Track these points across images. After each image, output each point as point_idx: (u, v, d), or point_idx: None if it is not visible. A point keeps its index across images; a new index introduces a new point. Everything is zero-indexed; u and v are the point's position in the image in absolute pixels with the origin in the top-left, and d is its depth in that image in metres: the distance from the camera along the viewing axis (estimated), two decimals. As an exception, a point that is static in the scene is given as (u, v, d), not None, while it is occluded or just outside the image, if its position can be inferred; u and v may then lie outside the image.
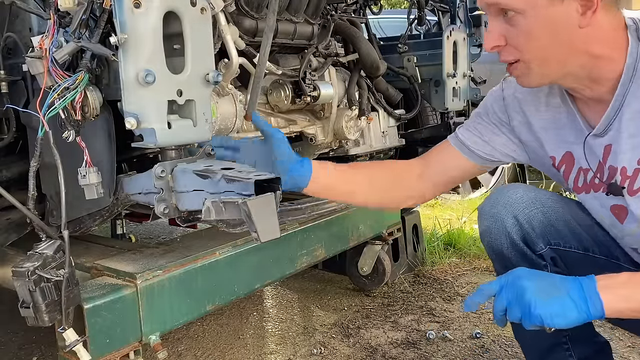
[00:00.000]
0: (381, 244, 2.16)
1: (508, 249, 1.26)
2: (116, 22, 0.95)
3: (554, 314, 0.95)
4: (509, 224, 1.25)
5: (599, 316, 0.94)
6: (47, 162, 1.17)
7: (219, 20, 1.19)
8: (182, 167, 1.05)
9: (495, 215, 1.27)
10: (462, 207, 3.63)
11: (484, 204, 1.32)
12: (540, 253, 1.26)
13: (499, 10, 1.03)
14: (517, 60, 1.06)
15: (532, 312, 0.96)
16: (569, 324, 0.95)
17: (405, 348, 1.84)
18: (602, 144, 1.12)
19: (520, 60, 1.05)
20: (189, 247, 1.47)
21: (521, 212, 1.25)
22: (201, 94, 1.07)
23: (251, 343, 1.93)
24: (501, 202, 1.28)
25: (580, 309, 0.95)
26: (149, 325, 1.27)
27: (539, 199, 1.27)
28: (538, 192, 1.29)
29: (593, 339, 1.40)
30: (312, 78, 1.70)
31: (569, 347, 1.35)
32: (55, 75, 1.00)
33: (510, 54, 1.06)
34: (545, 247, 1.25)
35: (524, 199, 1.26)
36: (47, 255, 0.99)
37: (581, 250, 1.25)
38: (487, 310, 2.08)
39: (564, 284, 0.98)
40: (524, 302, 0.98)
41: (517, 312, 1.00)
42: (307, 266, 1.75)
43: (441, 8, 2.26)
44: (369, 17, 2.19)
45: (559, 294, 0.96)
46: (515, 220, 1.25)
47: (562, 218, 1.25)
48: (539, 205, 1.26)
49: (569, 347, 1.35)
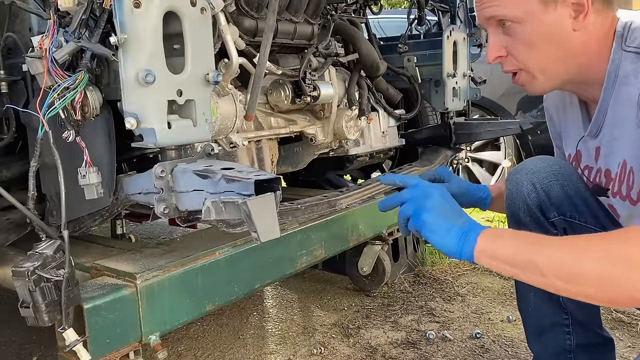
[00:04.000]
0: (381, 244, 2.16)
1: (524, 213, 1.31)
2: (116, 22, 0.95)
3: (435, 231, 1.01)
4: (527, 190, 1.30)
5: (468, 257, 0.98)
6: (47, 162, 1.17)
7: (219, 20, 1.19)
8: (182, 167, 1.05)
9: (517, 181, 1.33)
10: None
11: (512, 170, 1.39)
12: (552, 221, 1.30)
13: (498, 23, 1.08)
14: (519, 69, 1.11)
15: (421, 217, 1.03)
16: (441, 250, 1.02)
17: (405, 348, 1.84)
18: (594, 145, 1.16)
19: (523, 69, 1.10)
20: (189, 247, 1.47)
21: (540, 181, 1.30)
22: (201, 94, 1.07)
23: (251, 343, 1.93)
24: (525, 170, 1.33)
25: (457, 242, 0.99)
26: (149, 325, 1.27)
27: (562, 172, 1.31)
28: (564, 167, 1.33)
29: (597, 330, 1.40)
30: (312, 78, 1.70)
31: (570, 331, 1.36)
32: (55, 75, 1.00)
33: (512, 64, 1.11)
34: (558, 217, 1.29)
35: (546, 169, 1.31)
36: (47, 255, 0.99)
37: (598, 228, 1.27)
38: (488, 311, 2.09)
39: (461, 216, 1.03)
40: (421, 206, 1.04)
41: (410, 210, 1.06)
42: (307, 266, 1.75)
43: (441, 8, 2.26)
44: (369, 17, 2.19)
45: (451, 219, 1.01)
46: (533, 187, 1.30)
47: (582, 195, 1.28)
48: (560, 178, 1.29)
49: (570, 331, 1.36)
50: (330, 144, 1.89)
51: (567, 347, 1.37)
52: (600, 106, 1.10)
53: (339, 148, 1.95)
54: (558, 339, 1.37)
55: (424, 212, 1.02)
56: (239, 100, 1.39)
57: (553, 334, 1.38)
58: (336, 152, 1.96)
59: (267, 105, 1.70)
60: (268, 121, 1.68)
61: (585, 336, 1.37)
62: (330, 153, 1.96)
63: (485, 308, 2.13)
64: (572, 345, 1.37)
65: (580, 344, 1.36)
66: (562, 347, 1.37)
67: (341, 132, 1.84)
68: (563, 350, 1.37)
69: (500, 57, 1.11)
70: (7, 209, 1.39)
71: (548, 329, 1.38)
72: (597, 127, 1.13)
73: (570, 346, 1.37)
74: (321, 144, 1.84)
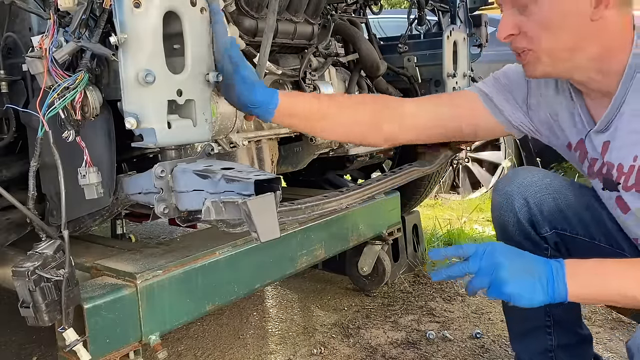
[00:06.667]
0: (381, 244, 2.16)
1: (514, 226, 1.32)
2: (116, 22, 0.95)
3: (522, 296, 1.00)
4: (518, 205, 1.30)
5: (562, 301, 0.99)
6: (47, 162, 1.17)
7: (219, 20, 1.19)
8: (182, 167, 1.05)
9: (507, 194, 1.33)
10: (462, 207, 3.63)
11: (500, 181, 1.38)
12: (544, 235, 1.31)
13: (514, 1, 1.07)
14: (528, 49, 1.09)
15: (502, 290, 1.00)
16: (532, 306, 1.00)
17: (405, 348, 1.84)
18: (602, 140, 1.14)
19: (531, 49, 1.08)
20: (189, 247, 1.47)
21: (532, 196, 1.30)
22: (201, 93, 1.07)
23: (251, 343, 1.93)
24: (516, 182, 1.33)
25: (546, 294, 0.99)
26: (149, 325, 1.27)
27: (553, 185, 1.31)
28: (554, 179, 1.33)
29: (576, 330, 1.44)
30: (312, 78, 1.70)
31: (552, 332, 1.40)
32: (55, 75, 1.00)
33: (521, 43, 1.09)
34: (550, 231, 1.30)
35: (538, 183, 1.31)
36: (47, 255, 0.99)
37: (587, 238, 1.29)
38: (488, 311, 2.09)
39: (536, 267, 1.02)
40: (497, 278, 1.01)
41: (485, 283, 1.03)
42: (307, 266, 1.75)
43: (441, 8, 2.25)
44: (369, 17, 2.19)
45: (530, 277, 1.00)
46: (525, 201, 1.30)
47: (572, 206, 1.29)
48: (552, 192, 1.30)
49: (551, 332, 1.40)
50: (330, 144, 1.89)
51: (548, 347, 1.41)
52: (616, 99, 1.08)
53: (339, 148, 1.95)
54: (540, 340, 1.41)
55: (504, 285, 1.00)
56: (239, 100, 1.38)
57: (535, 336, 1.41)
58: (336, 152, 1.96)
59: (267, 105, 1.70)
60: (268, 121, 1.68)
61: (566, 336, 1.41)
62: (330, 153, 1.96)
63: (485, 308, 2.13)
64: (554, 346, 1.40)
65: (561, 344, 1.40)
66: (544, 348, 1.41)
67: (341, 132, 1.84)
68: (545, 350, 1.41)
69: (512, 35, 1.09)
70: (7, 209, 1.39)
71: (531, 331, 1.41)
72: (608, 121, 1.11)
73: (552, 346, 1.40)
74: (321, 144, 1.84)
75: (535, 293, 0.99)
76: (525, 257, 1.05)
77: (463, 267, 1.06)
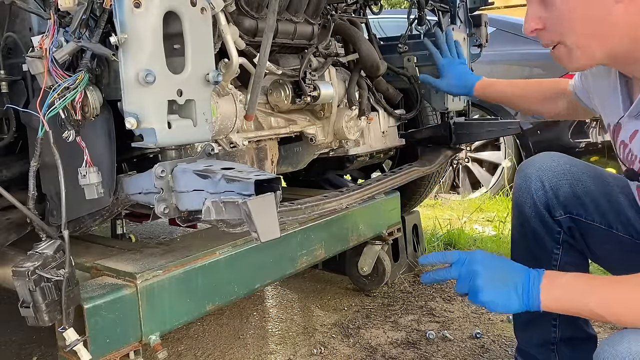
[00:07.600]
0: (381, 244, 2.16)
1: (530, 208, 1.35)
2: (116, 22, 0.95)
3: (497, 304, 1.03)
4: (535, 187, 1.33)
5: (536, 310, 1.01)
6: (47, 162, 1.17)
7: (219, 20, 1.19)
8: (182, 167, 1.05)
9: (526, 176, 1.36)
10: (462, 207, 3.63)
11: (523, 163, 1.41)
12: (558, 219, 1.32)
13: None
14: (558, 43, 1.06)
15: (477, 297, 1.04)
16: (509, 312, 1.04)
17: (405, 348, 1.84)
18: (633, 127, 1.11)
19: (561, 43, 1.05)
20: (189, 247, 1.47)
21: (549, 179, 1.32)
22: (201, 94, 1.07)
23: (251, 343, 1.93)
24: (536, 165, 1.36)
25: (521, 302, 1.01)
26: (149, 325, 1.27)
27: (572, 171, 1.32)
28: (575, 166, 1.34)
29: (582, 326, 1.44)
30: (312, 78, 1.70)
31: (557, 325, 1.40)
32: (55, 75, 1.00)
33: (549, 37, 1.07)
34: (564, 215, 1.31)
35: (556, 168, 1.33)
36: (47, 255, 0.99)
37: (604, 226, 1.30)
38: (487, 311, 2.08)
39: (513, 276, 1.04)
40: (473, 285, 1.05)
41: (465, 289, 1.08)
42: (307, 266, 1.75)
43: (441, 8, 2.25)
44: (369, 17, 2.19)
45: (504, 286, 1.03)
46: (541, 184, 1.33)
47: (591, 193, 1.30)
48: (570, 177, 1.31)
49: (556, 325, 1.40)
50: (330, 144, 1.89)
51: (551, 339, 1.41)
52: None
53: (339, 148, 1.95)
54: (544, 331, 1.41)
55: (479, 292, 1.04)
56: (239, 100, 1.39)
57: (540, 326, 1.42)
58: (336, 152, 1.96)
59: (267, 105, 1.70)
60: (268, 121, 1.68)
61: (570, 331, 1.41)
62: (330, 153, 1.96)
63: (485, 308, 2.13)
64: (557, 338, 1.41)
65: (565, 338, 1.40)
66: (546, 339, 1.41)
67: (341, 132, 1.84)
68: (547, 342, 1.41)
69: (537, 29, 1.06)
70: (7, 209, 1.39)
71: (536, 321, 1.42)
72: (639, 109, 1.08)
73: (555, 339, 1.41)
74: (321, 144, 1.84)
75: (510, 301, 1.02)
76: (504, 266, 1.07)
77: (445, 273, 1.11)
